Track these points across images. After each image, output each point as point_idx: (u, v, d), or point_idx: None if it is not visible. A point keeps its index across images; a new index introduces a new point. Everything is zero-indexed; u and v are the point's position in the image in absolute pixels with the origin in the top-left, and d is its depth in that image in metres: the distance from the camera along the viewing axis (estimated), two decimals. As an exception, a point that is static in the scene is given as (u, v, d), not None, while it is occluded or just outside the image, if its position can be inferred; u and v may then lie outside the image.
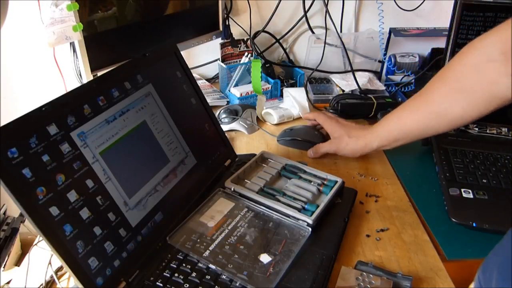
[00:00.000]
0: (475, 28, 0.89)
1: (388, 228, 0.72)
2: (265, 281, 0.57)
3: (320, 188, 0.74)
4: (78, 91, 0.59)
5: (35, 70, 1.16)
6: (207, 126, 0.80)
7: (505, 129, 0.94)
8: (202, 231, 0.64)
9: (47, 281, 0.63)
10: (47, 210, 0.50)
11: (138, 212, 0.61)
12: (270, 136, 1.00)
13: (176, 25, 1.09)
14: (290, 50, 1.35)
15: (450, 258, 0.67)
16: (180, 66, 0.77)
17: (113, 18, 0.93)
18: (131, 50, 0.98)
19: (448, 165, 0.84)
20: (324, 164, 0.90)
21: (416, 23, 1.30)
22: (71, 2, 0.82)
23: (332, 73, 1.26)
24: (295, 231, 0.65)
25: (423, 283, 0.62)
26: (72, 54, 0.90)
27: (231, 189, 0.72)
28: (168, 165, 0.69)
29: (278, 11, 1.25)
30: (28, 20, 1.07)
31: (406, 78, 1.22)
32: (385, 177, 0.85)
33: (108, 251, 0.56)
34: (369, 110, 1.07)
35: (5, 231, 0.81)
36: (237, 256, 0.60)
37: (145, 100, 0.68)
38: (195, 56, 1.30)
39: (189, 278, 0.58)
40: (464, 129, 0.96)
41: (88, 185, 0.55)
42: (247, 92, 1.11)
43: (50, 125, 0.53)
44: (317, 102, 1.16)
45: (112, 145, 0.60)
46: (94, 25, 0.89)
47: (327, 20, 1.25)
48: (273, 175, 0.77)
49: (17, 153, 0.49)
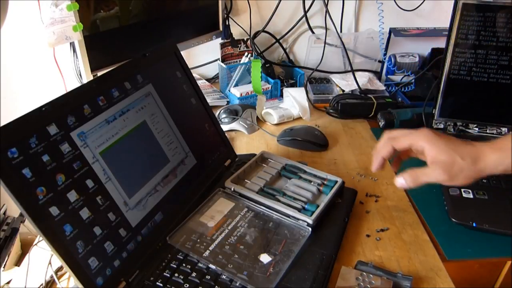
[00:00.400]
0: (475, 28, 0.89)
1: (388, 228, 0.72)
2: (265, 281, 0.57)
3: (320, 188, 0.74)
4: (78, 91, 0.59)
5: (35, 70, 1.16)
6: (207, 126, 0.80)
7: (505, 129, 0.94)
8: (202, 231, 0.64)
9: (47, 281, 0.63)
10: (47, 210, 0.50)
11: (138, 212, 0.61)
12: (270, 136, 1.00)
13: (176, 25, 1.09)
14: (290, 50, 1.35)
15: (450, 258, 0.67)
16: (180, 66, 0.77)
17: (114, 18, 0.93)
18: (131, 50, 0.98)
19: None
20: (324, 164, 0.90)
21: (416, 23, 1.30)
22: (71, 2, 0.82)
23: (332, 73, 1.26)
24: (295, 231, 0.65)
25: (423, 283, 0.62)
26: (72, 54, 0.90)
27: (231, 189, 0.72)
28: (168, 165, 0.69)
29: (278, 11, 1.25)
30: (28, 20, 1.07)
31: (406, 78, 1.22)
32: (385, 177, 0.85)
33: (108, 251, 0.56)
34: (369, 110, 1.07)
35: (5, 231, 0.81)
36: (237, 256, 0.60)
37: (145, 100, 0.68)
38: (195, 56, 1.30)
39: (189, 278, 0.58)
40: (464, 129, 0.96)
41: (88, 185, 0.55)
42: (247, 92, 1.11)
43: (50, 125, 0.53)
44: (317, 102, 1.16)
45: (112, 145, 0.60)
46: (95, 25, 0.89)
47: (327, 20, 1.25)
48: (273, 175, 0.77)
49: (17, 153, 0.49)
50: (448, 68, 0.93)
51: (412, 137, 0.60)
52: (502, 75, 0.91)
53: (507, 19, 0.87)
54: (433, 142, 0.59)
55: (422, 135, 0.60)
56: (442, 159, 0.58)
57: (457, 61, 0.92)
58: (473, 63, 0.92)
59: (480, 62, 0.91)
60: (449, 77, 0.94)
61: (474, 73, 0.92)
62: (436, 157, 0.58)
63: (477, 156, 0.58)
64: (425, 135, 0.59)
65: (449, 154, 0.58)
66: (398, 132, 0.63)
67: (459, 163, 0.58)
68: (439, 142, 0.59)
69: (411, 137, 0.61)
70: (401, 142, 0.61)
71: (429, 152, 0.59)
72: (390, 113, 1.03)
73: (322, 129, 1.01)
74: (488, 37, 0.89)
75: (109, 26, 0.92)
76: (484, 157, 0.58)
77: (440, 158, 0.58)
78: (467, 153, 0.58)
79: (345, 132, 1.03)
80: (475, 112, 0.96)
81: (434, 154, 0.59)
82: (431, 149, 0.59)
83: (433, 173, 0.59)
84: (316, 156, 0.93)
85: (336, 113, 1.09)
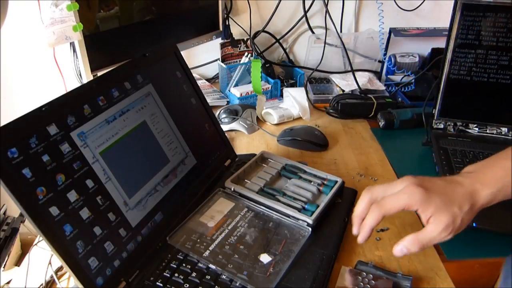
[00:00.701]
0: (475, 28, 0.90)
1: (388, 228, 0.72)
2: (265, 281, 0.57)
3: (320, 188, 0.74)
4: (78, 91, 0.59)
5: (35, 70, 1.17)
6: (207, 126, 0.80)
7: (505, 129, 0.94)
8: (202, 231, 0.64)
9: (47, 281, 0.63)
10: (47, 210, 0.50)
11: (138, 212, 0.61)
12: (270, 136, 1.00)
13: (176, 25, 1.09)
14: (290, 50, 1.35)
15: (450, 258, 0.67)
16: (180, 66, 0.77)
17: (114, 18, 0.93)
18: (131, 50, 0.98)
19: (448, 165, 0.84)
20: (324, 164, 0.90)
21: (416, 23, 1.30)
22: (71, 2, 0.82)
23: (332, 73, 1.26)
24: (295, 231, 0.65)
25: (423, 283, 0.62)
26: (72, 54, 0.90)
27: (231, 189, 0.72)
28: (168, 165, 0.69)
29: (278, 11, 1.25)
30: (28, 20, 1.07)
31: (406, 78, 1.22)
32: (385, 177, 0.85)
33: (108, 251, 0.56)
34: (369, 110, 1.07)
35: (5, 231, 0.81)
36: (237, 256, 0.60)
37: (145, 100, 0.68)
38: (195, 56, 1.30)
39: (189, 278, 0.58)
40: (464, 129, 0.96)
41: (88, 185, 0.55)
42: (247, 92, 1.11)
43: (50, 125, 0.53)
44: (317, 102, 1.16)
45: (112, 145, 0.60)
46: (95, 25, 0.89)
47: (327, 20, 1.25)
48: (273, 175, 0.77)
49: (17, 153, 0.49)
50: (448, 68, 0.93)
51: (400, 199, 0.54)
52: (502, 75, 0.91)
53: (507, 19, 0.87)
54: (427, 202, 0.53)
55: (410, 195, 0.53)
56: (442, 220, 0.52)
57: (457, 61, 0.92)
58: (473, 63, 0.92)
59: (480, 62, 0.91)
60: (449, 77, 0.94)
61: (474, 73, 0.92)
62: (436, 219, 0.53)
63: (472, 199, 0.54)
64: (413, 195, 0.53)
65: (448, 211, 0.53)
66: (379, 190, 0.56)
67: (459, 216, 0.53)
68: (431, 199, 0.53)
69: (399, 199, 0.54)
70: (389, 208, 0.54)
71: (425, 215, 0.53)
72: (390, 113, 1.03)
73: (322, 129, 1.01)
74: (488, 37, 0.89)
75: (109, 26, 0.92)
76: (478, 197, 0.54)
77: (440, 219, 0.52)
78: (463, 200, 0.54)
79: (345, 132, 1.03)
80: (475, 112, 0.96)
81: (432, 215, 0.53)
82: (426, 211, 0.53)
83: (437, 236, 0.53)
84: (316, 156, 0.93)
85: (336, 113, 1.09)
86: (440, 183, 0.55)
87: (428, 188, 0.53)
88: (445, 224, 0.52)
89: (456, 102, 0.96)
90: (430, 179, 0.56)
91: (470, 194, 0.54)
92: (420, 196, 0.53)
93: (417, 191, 0.53)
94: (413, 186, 0.54)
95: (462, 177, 0.56)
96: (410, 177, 0.55)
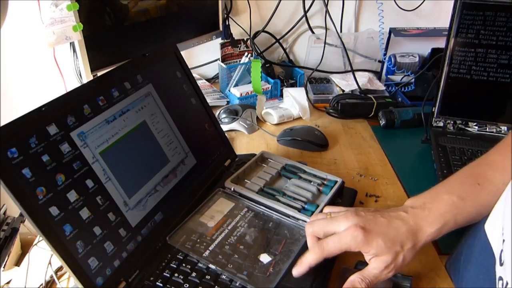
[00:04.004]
0: (475, 28, 0.90)
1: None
2: (265, 281, 0.57)
3: (320, 188, 0.74)
4: (78, 91, 0.59)
5: (35, 70, 1.17)
6: (207, 126, 0.80)
7: (505, 127, 0.94)
8: (202, 231, 0.64)
9: (47, 281, 0.64)
10: (47, 210, 0.50)
11: (138, 212, 0.61)
12: (270, 136, 1.00)
13: (176, 25, 1.09)
14: (290, 50, 1.35)
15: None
16: (180, 66, 0.77)
17: (116, 18, 0.93)
18: (131, 50, 0.98)
19: (446, 162, 0.84)
20: (324, 164, 0.90)
21: (416, 23, 1.30)
22: (71, 2, 0.82)
23: (332, 73, 1.26)
24: (295, 231, 0.65)
25: (423, 283, 0.62)
26: (72, 54, 0.90)
27: (231, 189, 0.72)
28: (168, 165, 0.69)
29: (278, 11, 1.25)
30: (28, 20, 1.07)
31: (406, 78, 1.22)
32: (385, 177, 0.85)
33: (108, 251, 0.56)
34: (369, 110, 1.07)
35: (5, 231, 0.81)
36: (237, 256, 0.60)
37: (145, 100, 0.68)
38: (195, 56, 1.30)
39: (189, 278, 0.58)
40: (463, 127, 0.96)
41: (88, 185, 0.55)
42: (247, 92, 1.11)
43: (50, 125, 0.53)
44: (317, 102, 1.16)
45: (112, 145, 0.60)
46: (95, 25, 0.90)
47: (327, 20, 1.25)
48: (273, 175, 0.77)
49: (17, 153, 0.49)
50: (448, 67, 0.93)
51: (342, 242, 0.54)
52: (501, 73, 0.91)
53: (506, 18, 0.88)
54: (368, 244, 0.53)
55: (352, 238, 0.54)
56: (383, 260, 0.54)
57: (457, 59, 0.93)
58: (472, 62, 0.92)
59: (480, 60, 0.91)
60: (449, 75, 0.94)
61: (473, 72, 0.93)
62: (377, 259, 0.54)
63: (414, 237, 0.55)
64: (354, 238, 0.53)
65: (389, 251, 0.53)
66: (320, 224, 0.57)
67: (400, 254, 0.54)
68: (373, 240, 0.53)
69: (341, 242, 0.54)
70: (331, 251, 0.55)
71: (367, 255, 0.55)
72: (391, 112, 1.03)
73: (322, 129, 1.01)
74: (488, 36, 0.90)
75: (109, 26, 0.92)
76: (422, 234, 0.55)
77: (380, 259, 0.54)
78: (405, 238, 0.54)
79: (345, 132, 1.03)
80: (475, 111, 0.96)
81: (373, 256, 0.54)
82: (368, 253, 0.54)
83: (380, 273, 0.54)
84: (316, 156, 0.93)
85: (336, 113, 1.09)
86: (383, 222, 0.55)
87: (370, 229, 0.54)
88: (386, 263, 0.54)
89: (455, 101, 0.96)
90: (373, 218, 0.56)
91: (413, 232, 0.55)
92: (362, 238, 0.53)
93: (359, 234, 0.54)
94: (355, 228, 0.54)
95: (407, 214, 0.57)
96: (353, 215, 0.56)
